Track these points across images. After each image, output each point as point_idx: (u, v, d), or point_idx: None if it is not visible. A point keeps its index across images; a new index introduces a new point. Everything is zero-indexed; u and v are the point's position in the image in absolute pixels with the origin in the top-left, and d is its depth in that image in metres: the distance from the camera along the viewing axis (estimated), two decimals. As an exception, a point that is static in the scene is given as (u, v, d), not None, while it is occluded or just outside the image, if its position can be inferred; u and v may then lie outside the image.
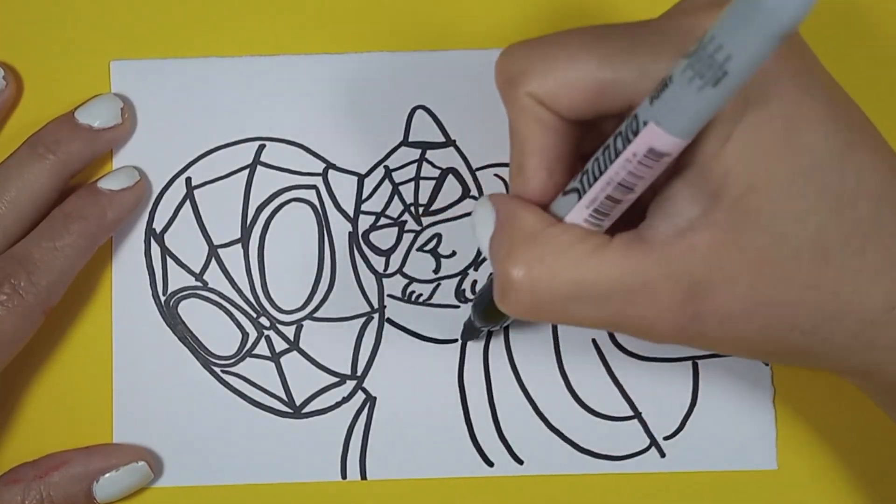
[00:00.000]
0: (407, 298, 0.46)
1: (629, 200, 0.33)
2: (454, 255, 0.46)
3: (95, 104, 0.45)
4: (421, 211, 0.46)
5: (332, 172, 0.46)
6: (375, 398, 0.45)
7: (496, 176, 0.46)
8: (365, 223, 0.46)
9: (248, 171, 0.46)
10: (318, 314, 0.46)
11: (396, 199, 0.46)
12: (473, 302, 0.43)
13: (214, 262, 0.46)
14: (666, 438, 0.45)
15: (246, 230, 0.46)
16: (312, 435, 0.45)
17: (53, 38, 0.47)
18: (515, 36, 0.47)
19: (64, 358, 0.45)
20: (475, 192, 0.46)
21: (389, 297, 0.46)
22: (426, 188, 0.46)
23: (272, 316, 0.46)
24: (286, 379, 0.46)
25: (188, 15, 0.47)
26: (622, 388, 0.45)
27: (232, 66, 0.47)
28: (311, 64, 0.47)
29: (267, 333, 0.46)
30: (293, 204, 0.46)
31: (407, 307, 0.46)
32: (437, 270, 0.46)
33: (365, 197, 0.46)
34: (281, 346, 0.46)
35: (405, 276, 0.46)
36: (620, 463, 0.45)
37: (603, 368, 0.46)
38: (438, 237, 0.46)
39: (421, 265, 0.46)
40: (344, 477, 0.45)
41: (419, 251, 0.46)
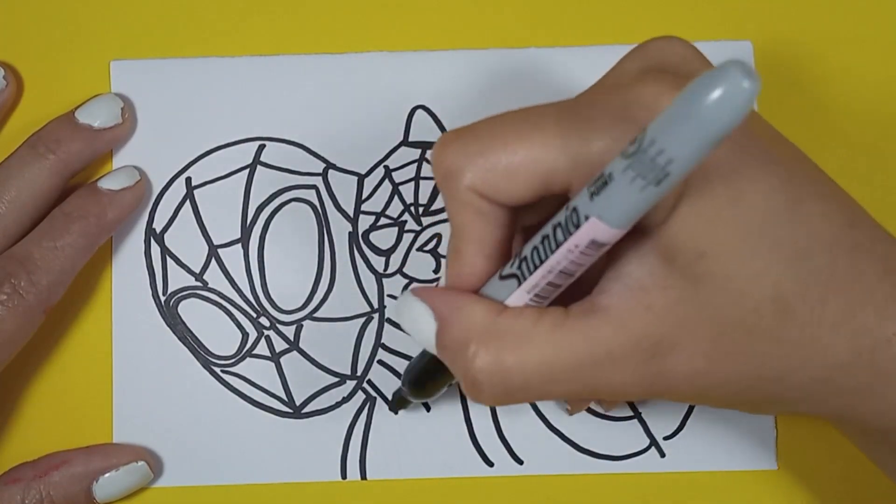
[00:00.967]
0: (407, 298, 0.46)
1: (568, 283, 0.34)
2: (454, 255, 0.46)
3: (95, 104, 0.45)
4: (421, 211, 0.46)
5: (332, 172, 0.46)
6: (375, 398, 0.45)
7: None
8: (365, 223, 0.46)
9: (248, 171, 0.46)
10: (318, 314, 0.46)
11: (396, 199, 0.46)
12: (404, 378, 0.42)
13: (214, 262, 0.46)
14: (666, 438, 0.45)
15: (246, 230, 0.46)
16: (312, 435, 0.45)
17: (53, 38, 0.47)
18: (516, 36, 0.47)
19: (64, 358, 0.45)
20: (475, 192, 0.46)
21: (389, 297, 0.46)
22: (426, 188, 0.46)
23: (272, 316, 0.46)
24: (286, 379, 0.46)
25: (188, 15, 0.47)
26: (622, 388, 0.45)
27: (232, 66, 0.47)
28: (310, 64, 0.47)
29: (267, 333, 0.46)
30: (293, 204, 0.46)
31: (407, 307, 0.46)
32: (437, 270, 0.46)
33: (365, 197, 0.46)
34: (281, 346, 0.46)
35: (405, 276, 0.46)
36: (620, 463, 0.45)
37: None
38: (438, 237, 0.46)
39: (421, 265, 0.46)
40: (344, 477, 0.45)
41: (419, 251, 0.46)
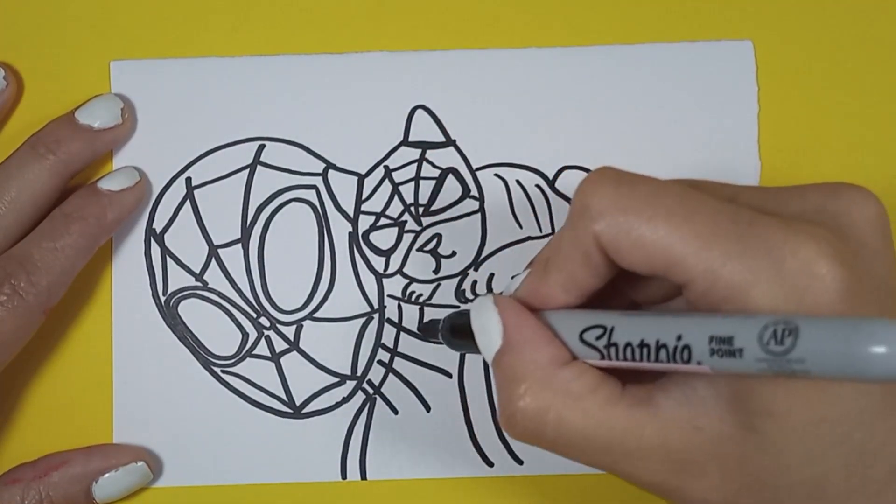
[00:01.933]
0: (407, 298, 0.46)
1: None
2: (454, 255, 0.46)
3: (95, 104, 0.45)
4: (421, 211, 0.46)
5: (332, 172, 0.46)
6: (375, 398, 0.45)
7: (496, 176, 0.46)
8: (365, 223, 0.46)
9: (248, 171, 0.46)
10: (318, 314, 0.46)
11: (396, 199, 0.46)
12: (447, 321, 0.40)
13: (214, 262, 0.46)
14: (666, 438, 0.45)
15: (246, 230, 0.46)
16: (312, 435, 0.45)
17: (53, 38, 0.47)
18: (516, 36, 0.47)
19: (64, 358, 0.45)
20: (475, 192, 0.46)
21: (389, 297, 0.46)
22: (426, 188, 0.46)
23: (272, 316, 0.46)
24: (286, 379, 0.46)
25: (188, 15, 0.47)
26: (622, 388, 0.45)
27: (232, 66, 0.47)
28: (311, 64, 0.47)
29: (267, 333, 0.46)
30: (293, 204, 0.46)
31: (407, 307, 0.46)
32: (437, 270, 0.46)
33: (365, 197, 0.46)
34: (281, 346, 0.46)
35: (405, 276, 0.46)
36: (620, 463, 0.45)
37: (603, 368, 0.46)
38: (438, 237, 0.46)
39: (421, 265, 0.46)
40: (344, 477, 0.45)
41: (419, 251, 0.46)
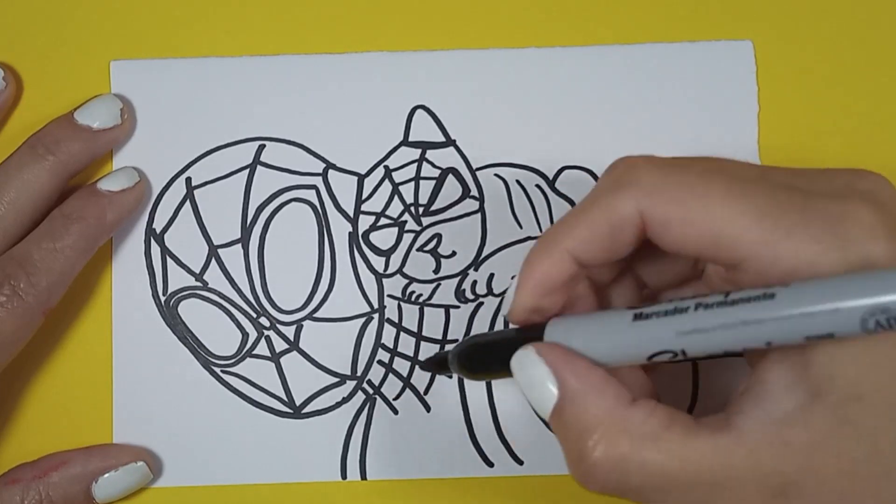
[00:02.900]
0: (407, 298, 0.46)
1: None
2: (454, 255, 0.46)
3: (95, 105, 0.45)
4: (421, 211, 0.46)
5: (332, 172, 0.46)
6: (375, 398, 0.45)
7: (496, 176, 0.46)
8: (365, 223, 0.46)
9: (248, 171, 0.46)
10: (318, 314, 0.46)
11: (396, 199, 0.46)
12: (460, 348, 0.39)
13: (214, 262, 0.46)
14: (666, 439, 0.45)
15: (246, 230, 0.46)
16: (312, 435, 0.45)
17: (53, 38, 0.47)
18: (516, 36, 0.47)
19: (64, 358, 0.46)
20: (475, 192, 0.46)
21: (389, 297, 0.46)
22: (426, 188, 0.46)
23: (272, 316, 0.46)
24: (286, 379, 0.46)
25: (188, 15, 0.47)
26: (622, 388, 0.45)
27: (232, 66, 0.47)
28: (311, 64, 0.47)
29: (267, 333, 0.46)
30: (293, 204, 0.46)
31: (407, 307, 0.46)
32: (437, 270, 0.46)
33: (365, 197, 0.46)
34: (281, 346, 0.46)
35: (405, 276, 0.46)
36: (620, 463, 0.45)
37: (603, 369, 0.45)
38: (438, 237, 0.46)
39: (421, 265, 0.46)
40: (344, 477, 0.45)
41: (419, 251, 0.46)
